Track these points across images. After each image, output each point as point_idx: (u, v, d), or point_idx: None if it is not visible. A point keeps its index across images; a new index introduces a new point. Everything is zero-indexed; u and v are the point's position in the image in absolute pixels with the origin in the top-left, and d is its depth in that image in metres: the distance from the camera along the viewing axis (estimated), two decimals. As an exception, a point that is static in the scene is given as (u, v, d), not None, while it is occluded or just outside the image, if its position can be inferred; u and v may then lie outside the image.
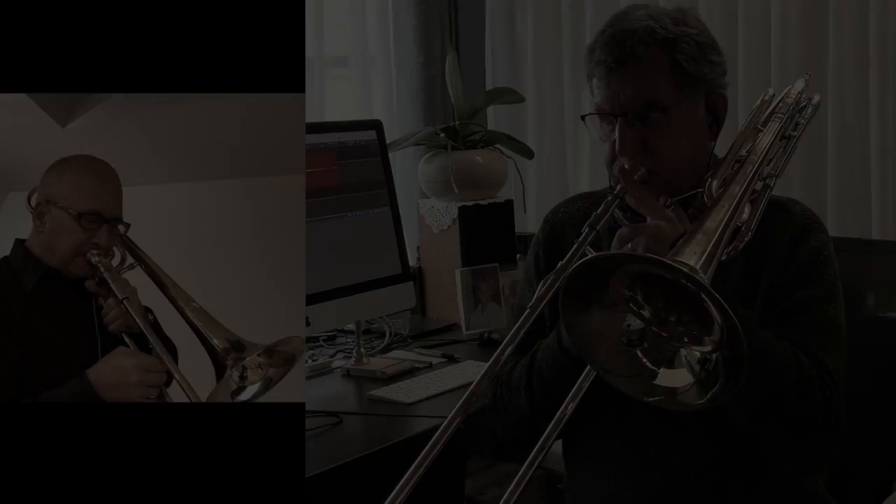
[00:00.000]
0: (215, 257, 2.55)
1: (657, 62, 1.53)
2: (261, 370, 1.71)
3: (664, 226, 1.44)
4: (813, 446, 1.49)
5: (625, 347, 1.31)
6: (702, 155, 1.61)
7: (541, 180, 3.42)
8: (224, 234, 2.61)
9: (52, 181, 1.75)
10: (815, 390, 1.45)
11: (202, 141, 2.48)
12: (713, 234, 1.33)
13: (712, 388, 1.25)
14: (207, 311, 1.73)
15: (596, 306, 1.29)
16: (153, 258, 1.84)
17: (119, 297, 1.68)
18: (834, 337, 1.52)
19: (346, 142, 2.50)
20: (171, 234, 2.45)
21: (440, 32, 3.48)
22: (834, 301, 1.54)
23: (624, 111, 1.54)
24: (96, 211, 1.72)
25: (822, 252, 1.57)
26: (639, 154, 1.54)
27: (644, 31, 1.53)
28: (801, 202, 1.66)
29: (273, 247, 2.50)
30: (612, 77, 1.54)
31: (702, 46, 1.57)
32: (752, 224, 1.48)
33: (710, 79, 1.58)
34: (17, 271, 1.72)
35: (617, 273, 1.26)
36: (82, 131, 2.37)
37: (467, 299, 2.73)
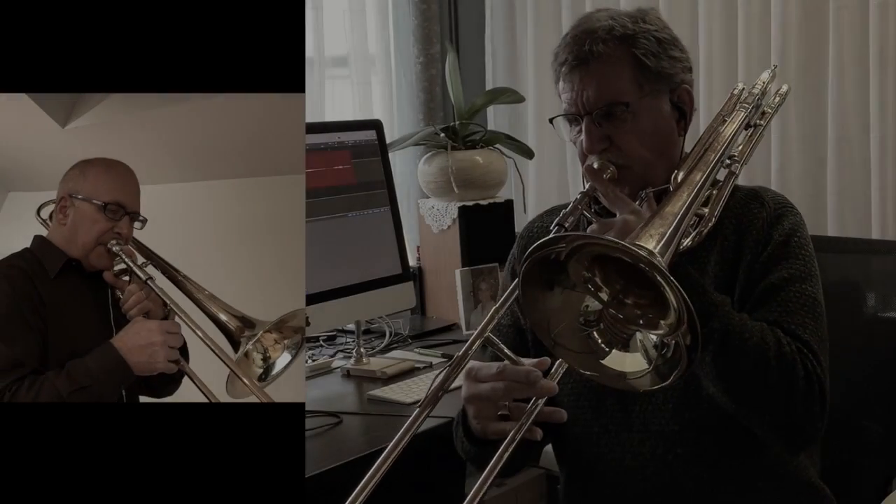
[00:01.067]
0: (215, 257, 2.55)
1: (617, 59, 1.57)
2: (279, 345, 1.78)
3: (632, 219, 1.47)
4: (798, 422, 1.49)
5: (581, 327, 1.35)
6: (671, 150, 1.63)
7: (541, 180, 3.42)
8: (224, 234, 2.61)
9: (74, 178, 1.81)
10: (795, 366, 1.46)
11: (203, 141, 2.48)
12: (672, 219, 1.36)
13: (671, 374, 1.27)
14: (217, 297, 1.80)
15: (557, 287, 1.32)
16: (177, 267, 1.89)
17: (143, 278, 1.73)
18: (812, 313, 1.53)
19: (346, 142, 2.50)
20: (172, 234, 2.45)
21: (440, 32, 3.48)
22: (810, 279, 1.56)
23: (588, 110, 1.58)
24: (119, 202, 1.79)
25: (797, 233, 1.59)
26: (606, 151, 1.57)
27: (603, 30, 1.57)
28: (772, 189, 1.69)
29: (273, 247, 2.50)
30: (574, 76, 1.58)
31: (661, 42, 1.60)
32: (717, 209, 1.51)
33: (672, 73, 1.61)
34: (41, 258, 1.77)
35: (577, 256, 1.29)
36: (82, 131, 2.37)
37: (467, 299, 2.74)
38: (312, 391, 2.29)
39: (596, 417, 1.62)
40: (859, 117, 2.78)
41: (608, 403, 1.61)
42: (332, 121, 3.04)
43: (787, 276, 1.55)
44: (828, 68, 2.80)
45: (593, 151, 1.57)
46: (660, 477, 1.59)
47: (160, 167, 2.59)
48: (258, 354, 1.76)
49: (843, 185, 2.82)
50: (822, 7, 2.81)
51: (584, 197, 1.53)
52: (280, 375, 1.78)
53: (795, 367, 1.46)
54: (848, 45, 2.78)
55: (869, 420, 1.92)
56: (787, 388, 1.46)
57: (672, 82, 1.61)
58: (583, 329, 1.34)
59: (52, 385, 1.56)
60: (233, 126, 2.37)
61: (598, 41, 1.56)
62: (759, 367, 1.45)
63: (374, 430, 2.02)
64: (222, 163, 2.56)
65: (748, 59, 2.92)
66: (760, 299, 1.54)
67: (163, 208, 2.57)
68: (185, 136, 2.45)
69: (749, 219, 1.60)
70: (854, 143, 2.80)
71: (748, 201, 1.62)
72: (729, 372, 1.45)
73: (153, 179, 2.58)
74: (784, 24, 2.85)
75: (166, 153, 2.55)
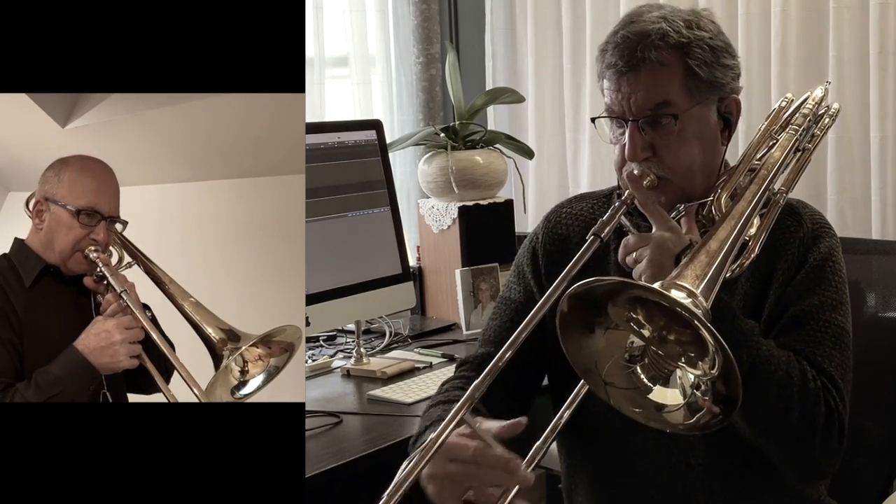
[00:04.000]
0: (215, 257, 2.55)
1: (669, 67, 1.51)
2: (261, 362, 1.74)
3: (669, 237, 1.43)
4: (816, 458, 1.47)
5: (626, 364, 1.29)
6: (713, 161, 1.58)
7: (541, 180, 3.42)
8: (224, 234, 2.61)
9: (50, 180, 1.77)
10: (818, 402, 1.44)
11: (202, 141, 2.48)
12: (717, 256, 1.30)
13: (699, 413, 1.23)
14: (203, 305, 1.76)
15: (598, 329, 1.27)
16: (153, 258, 1.86)
17: (117, 290, 1.70)
18: (839, 345, 1.50)
19: (346, 142, 2.50)
20: (172, 234, 2.45)
21: (440, 32, 3.48)
22: (841, 308, 1.53)
23: (634, 116, 1.52)
24: (94, 207, 1.75)
25: (832, 258, 1.55)
26: (648, 160, 1.52)
27: (657, 35, 1.50)
28: (810, 205, 1.63)
29: (273, 247, 2.50)
30: (622, 80, 1.52)
31: (715, 50, 1.53)
32: (760, 240, 1.46)
33: (724, 83, 1.55)
34: (17, 266, 1.74)
35: (616, 298, 1.25)
36: (82, 131, 2.37)
37: (467, 299, 2.73)
38: (312, 391, 2.29)
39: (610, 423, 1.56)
40: (859, 117, 2.78)
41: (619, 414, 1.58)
42: (332, 121, 3.04)
43: (819, 304, 1.51)
44: (828, 68, 2.80)
45: (636, 159, 1.52)
46: (671, 484, 1.58)
47: (160, 167, 2.59)
48: (237, 366, 1.72)
49: (843, 185, 2.82)
50: (822, 7, 2.82)
51: (623, 206, 1.47)
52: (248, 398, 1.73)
53: (818, 404, 1.44)
54: (848, 45, 2.78)
55: (870, 420, 1.92)
56: (809, 425, 1.43)
57: (722, 91, 1.55)
58: (627, 366, 1.30)
59: (22, 396, 1.57)
60: (233, 126, 2.37)
61: (650, 47, 1.49)
62: (781, 401, 1.42)
63: (374, 430, 2.02)
64: (222, 163, 2.56)
65: (748, 59, 2.92)
66: (789, 325, 1.51)
67: (163, 208, 2.58)
68: (185, 136, 2.44)
69: (785, 236, 1.55)
70: (854, 143, 2.80)
71: (784, 217, 1.55)
72: (751, 403, 1.37)
73: (153, 179, 2.58)
74: (784, 25, 2.85)
75: (166, 153, 2.55)
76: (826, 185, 2.84)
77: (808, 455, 1.46)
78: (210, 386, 1.67)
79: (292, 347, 1.74)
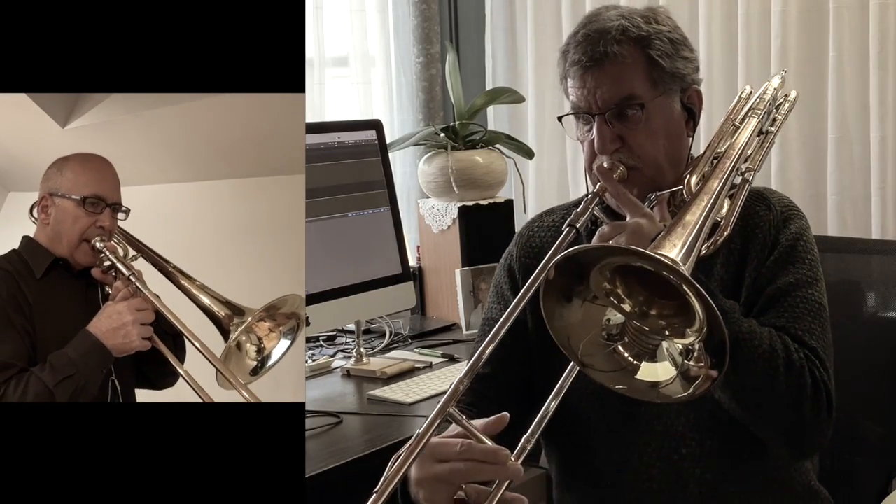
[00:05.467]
0: (215, 257, 2.55)
1: (632, 59, 1.56)
2: (273, 333, 1.77)
3: (644, 223, 1.46)
4: (805, 429, 1.49)
5: (604, 342, 1.30)
6: (680, 151, 1.63)
7: (541, 180, 3.42)
8: (224, 234, 2.61)
9: (52, 177, 1.81)
10: (804, 373, 1.46)
11: (202, 141, 2.48)
12: (692, 228, 1.33)
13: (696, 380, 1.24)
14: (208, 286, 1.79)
15: (577, 300, 1.28)
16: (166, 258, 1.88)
17: (126, 274, 1.73)
18: (818, 319, 1.53)
19: (346, 142, 2.50)
20: (172, 234, 2.45)
21: (440, 32, 3.48)
22: (816, 284, 1.56)
23: (601, 109, 1.56)
24: (98, 195, 1.78)
25: (803, 237, 1.59)
26: (617, 151, 1.56)
27: (617, 30, 1.55)
28: (777, 191, 1.68)
29: (273, 247, 2.50)
30: (587, 76, 1.56)
31: (674, 43, 1.59)
32: (731, 218, 1.50)
33: (685, 74, 1.60)
34: (28, 259, 1.77)
35: (598, 267, 1.26)
36: (82, 131, 2.37)
37: (467, 299, 2.74)
38: (312, 391, 2.29)
39: (601, 417, 1.60)
40: (859, 117, 2.78)
41: (612, 403, 1.58)
42: (332, 121, 3.04)
43: (794, 281, 1.54)
44: (828, 68, 2.80)
45: (605, 151, 1.56)
46: (664, 476, 1.59)
47: (160, 167, 2.59)
48: (252, 346, 1.75)
49: (843, 185, 2.82)
50: (822, 7, 2.82)
51: (595, 197, 1.52)
52: (279, 363, 1.76)
53: (804, 375, 1.46)
54: (848, 45, 2.78)
55: (869, 420, 1.92)
56: (796, 396, 1.46)
57: (684, 82, 1.60)
58: (607, 344, 1.30)
59: (38, 379, 1.58)
60: (233, 126, 2.37)
61: (612, 42, 1.54)
62: (767, 375, 1.45)
63: (374, 431, 2.02)
64: (222, 163, 2.56)
65: (748, 59, 2.92)
66: (767, 304, 1.54)
67: (163, 208, 2.58)
68: (186, 136, 2.44)
69: (755, 221, 1.59)
70: (854, 143, 2.80)
71: (754, 203, 1.60)
72: (738, 379, 1.43)
73: (153, 179, 2.58)
74: (784, 25, 2.85)
75: (166, 153, 2.55)
76: (826, 185, 2.84)
77: (797, 426, 1.48)
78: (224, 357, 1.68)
79: (298, 316, 1.78)
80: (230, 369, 1.66)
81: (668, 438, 1.58)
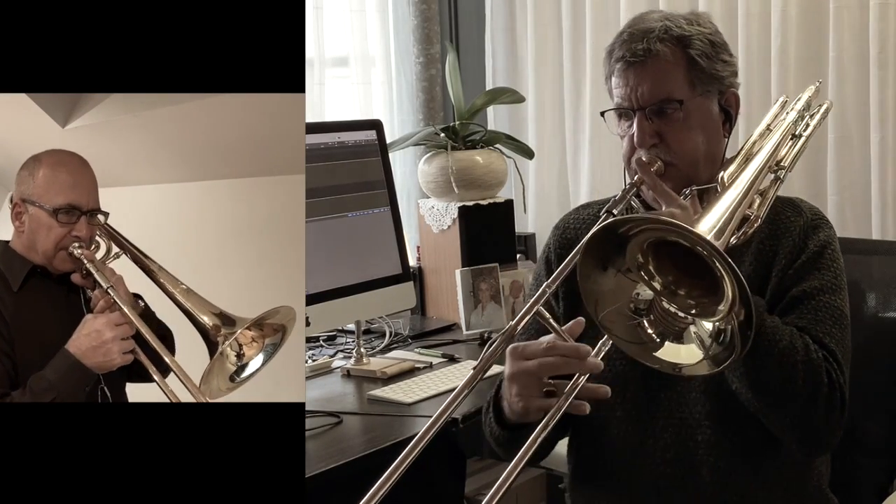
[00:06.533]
0: (215, 257, 2.54)
1: (673, 58, 1.61)
2: (256, 343, 1.74)
3: (678, 213, 1.50)
4: (818, 427, 1.53)
5: (630, 314, 1.39)
6: (716, 150, 1.67)
7: (541, 180, 3.42)
8: (224, 234, 2.61)
9: (25, 180, 1.75)
10: (821, 373, 1.50)
11: (202, 141, 2.48)
12: (724, 213, 1.39)
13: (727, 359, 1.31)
14: (195, 292, 1.75)
15: (611, 269, 1.36)
16: (152, 258, 1.85)
17: (104, 286, 1.68)
18: (839, 325, 1.57)
19: (346, 142, 2.50)
20: (171, 235, 2.45)
21: (440, 32, 3.48)
22: (840, 292, 1.60)
23: (641, 105, 1.62)
24: (72, 204, 1.72)
25: (830, 245, 1.63)
26: (655, 147, 1.62)
27: (660, 30, 1.61)
28: (808, 201, 1.72)
29: (273, 247, 2.50)
30: (630, 73, 1.62)
31: (715, 45, 1.65)
32: (762, 212, 1.54)
33: (723, 76, 1.65)
34: (4, 271, 1.73)
35: (634, 240, 1.33)
36: (82, 131, 2.37)
37: (467, 299, 2.74)
38: (312, 391, 2.29)
39: (620, 402, 1.63)
40: (859, 117, 2.78)
41: (632, 389, 1.63)
42: (332, 121, 3.04)
43: (819, 286, 1.59)
44: (828, 68, 2.80)
45: (644, 146, 1.62)
46: (680, 462, 1.62)
47: (160, 167, 2.59)
48: (232, 351, 1.72)
49: (843, 185, 2.82)
50: (822, 7, 2.81)
51: (633, 188, 1.57)
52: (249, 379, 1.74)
53: (820, 374, 1.50)
54: (848, 45, 2.78)
55: (870, 420, 1.92)
56: (811, 393, 1.50)
57: (722, 84, 1.66)
58: (632, 317, 1.39)
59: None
60: (233, 126, 2.37)
61: (655, 40, 1.60)
62: (785, 370, 1.49)
63: (374, 430, 2.02)
64: (222, 163, 2.56)
65: (748, 59, 2.92)
66: (791, 305, 1.59)
67: (163, 208, 2.58)
68: (185, 136, 2.44)
69: (786, 224, 1.64)
70: (854, 143, 2.80)
71: (785, 208, 1.66)
72: (756, 371, 1.48)
73: (153, 179, 2.58)
74: (784, 25, 2.85)
75: (166, 153, 2.55)
76: (826, 185, 2.84)
77: (810, 423, 1.52)
78: (206, 374, 1.66)
79: (284, 329, 1.75)
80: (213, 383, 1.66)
81: (684, 426, 1.62)
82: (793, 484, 1.63)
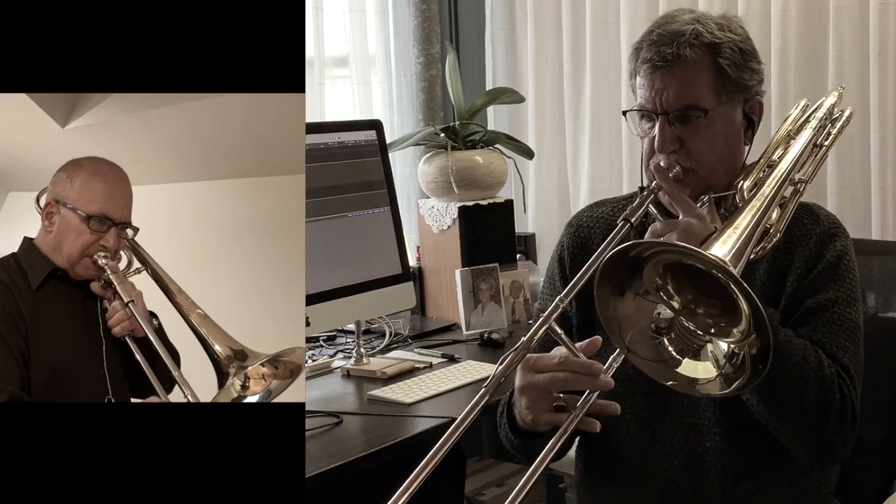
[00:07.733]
0: (215, 257, 2.55)
1: (701, 65, 1.58)
2: (264, 381, 1.73)
3: (695, 223, 1.49)
4: (829, 442, 1.52)
5: (652, 334, 1.38)
6: (737, 158, 1.65)
7: (541, 180, 3.42)
8: (224, 234, 2.61)
9: (62, 182, 1.76)
10: (833, 388, 1.50)
11: (202, 141, 2.48)
12: (743, 232, 1.39)
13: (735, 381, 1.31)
14: (212, 319, 1.75)
15: (629, 293, 1.36)
16: (153, 258, 1.85)
17: (125, 299, 1.69)
18: (853, 338, 1.57)
19: (346, 142, 2.50)
20: (172, 234, 2.45)
21: (440, 32, 3.48)
22: (854, 304, 1.59)
23: (665, 110, 1.59)
24: (105, 214, 1.74)
25: (846, 257, 1.62)
26: (675, 152, 1.59)
27: (691, 34, 1.58)
28: (825, 208, 1.71)
29: (273, 247, 2.50)
30: (656, 75, 1.59)
31: (744, 53, 1.61)
32: (781, 226, 1.53)
33: (750, 85, 1.63)
34: (25, 268, 1.73)
35: (651, 262, 1.33)
36: (82, 131, 2.37)
37: (467, 299, 2.73)
38: (312, 391, 2.29)
39: (629, 406, 1.63)
40: (859, 117, 2.78)
41: (642, 393, 1.63)
42: (332, 121, 3.04)
43: (834, 298, 1.57)
44: (828, 68, 2.80)
45: (664, 151, 1.59)
46: (687, 467, 1.61)
47: (160, 167, 2.59)
48: (238, 381, 1.72)
49: (843, 185, 2.82)
50: (822, 7, 2.81)
51: (651, 194, 1.55)
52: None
53: (833, 391, 1.50)
54: (848, 45, 2.78)
55: (870, 421, 1.91)
56: (823, 408, 1.49)
57: (748, 93, 1.63)
58: (654, 337, 1.38)
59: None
60: (233, 126, 2.37)
61: (684, 45, 1.57)
62: (798, 386, 1.48)
63: (373, 431, 2.02)
64: (222, 163, 2.56)
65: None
66: (805, 317, 1.57)
67: (163, 208, 2.58)
68: (185, 136, 2.44)
69: (802, 233, 1.62)
70: (854, 143, 2.80)
71: (801, 215, 1.63)
72: (768, 386, 1.45)
73: (153, 179, 2.58)
74: (784, 25, 2.85)
75: (166, 153, 2.55)
76: (826, 185, 2.84)
77: (822, 438, 1.52)
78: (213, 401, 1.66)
79: (298, 370, 1.75)
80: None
81: (694, 431, 1.61)
82: (800, 492, 1.63)
